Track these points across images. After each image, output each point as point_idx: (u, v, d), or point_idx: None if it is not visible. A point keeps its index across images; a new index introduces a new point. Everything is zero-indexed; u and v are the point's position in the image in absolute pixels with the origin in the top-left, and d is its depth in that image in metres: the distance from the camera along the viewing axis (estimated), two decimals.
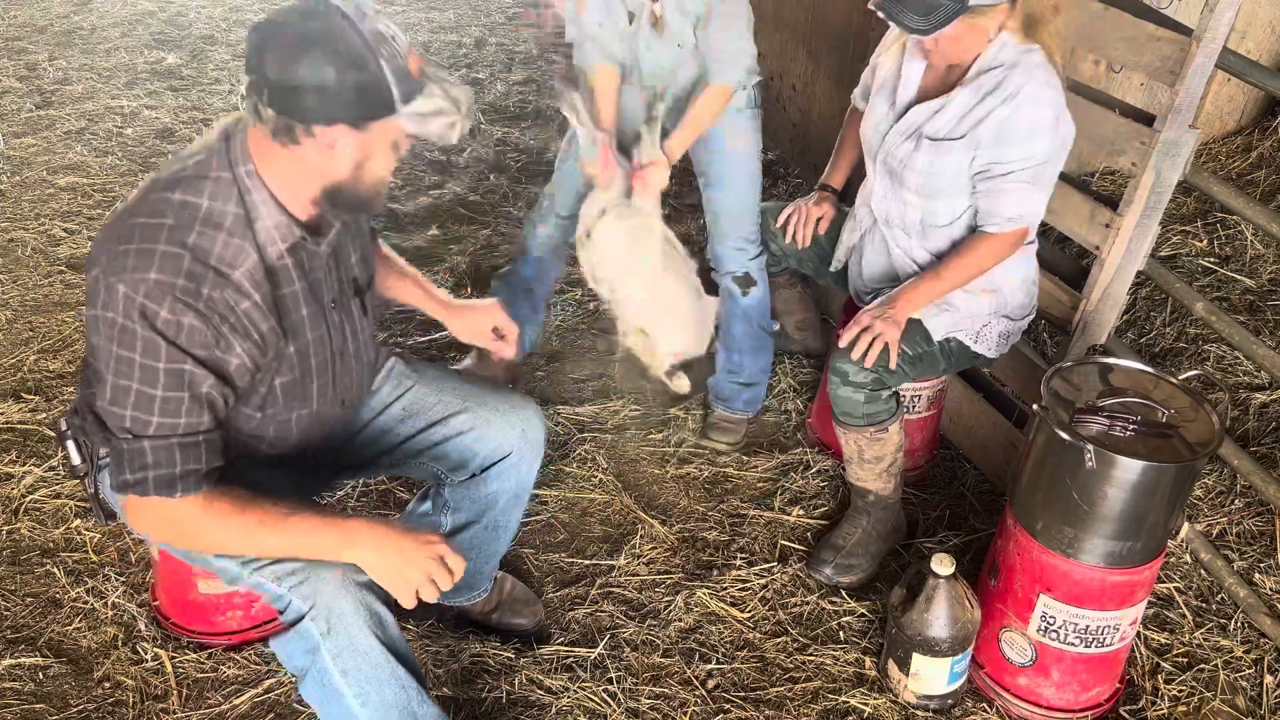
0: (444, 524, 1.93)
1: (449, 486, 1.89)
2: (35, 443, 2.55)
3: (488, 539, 1.95)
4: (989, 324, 2.15)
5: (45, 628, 2.07)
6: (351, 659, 1.51)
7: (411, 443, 1.85)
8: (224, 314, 1.45)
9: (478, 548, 1.95)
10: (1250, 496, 2.37)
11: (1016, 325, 2.20)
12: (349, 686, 1.52)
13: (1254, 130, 3.63)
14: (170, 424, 1.43)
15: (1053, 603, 1.83)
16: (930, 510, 2.44)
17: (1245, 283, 2.97)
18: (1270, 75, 2.21)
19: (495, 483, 1.87)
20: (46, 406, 2.66)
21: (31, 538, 2.28)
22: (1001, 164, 1.96)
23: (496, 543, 1.98)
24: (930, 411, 2.44)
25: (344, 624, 1.50)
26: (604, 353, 2.95)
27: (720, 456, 2.59)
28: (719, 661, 2.05)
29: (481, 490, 1.87)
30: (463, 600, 2.06)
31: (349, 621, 1.50)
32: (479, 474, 1.86)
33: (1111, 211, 2.16)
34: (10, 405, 2.66)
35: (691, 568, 2.27)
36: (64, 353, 2.88)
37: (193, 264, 1.42)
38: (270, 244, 1.49)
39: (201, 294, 1.42)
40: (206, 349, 1.44)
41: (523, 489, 1.92)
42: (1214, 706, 1.96)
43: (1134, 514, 1.72)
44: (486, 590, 2.07)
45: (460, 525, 1.92)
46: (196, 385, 1.44)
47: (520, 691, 1.95)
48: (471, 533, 1.92)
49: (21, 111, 4.40)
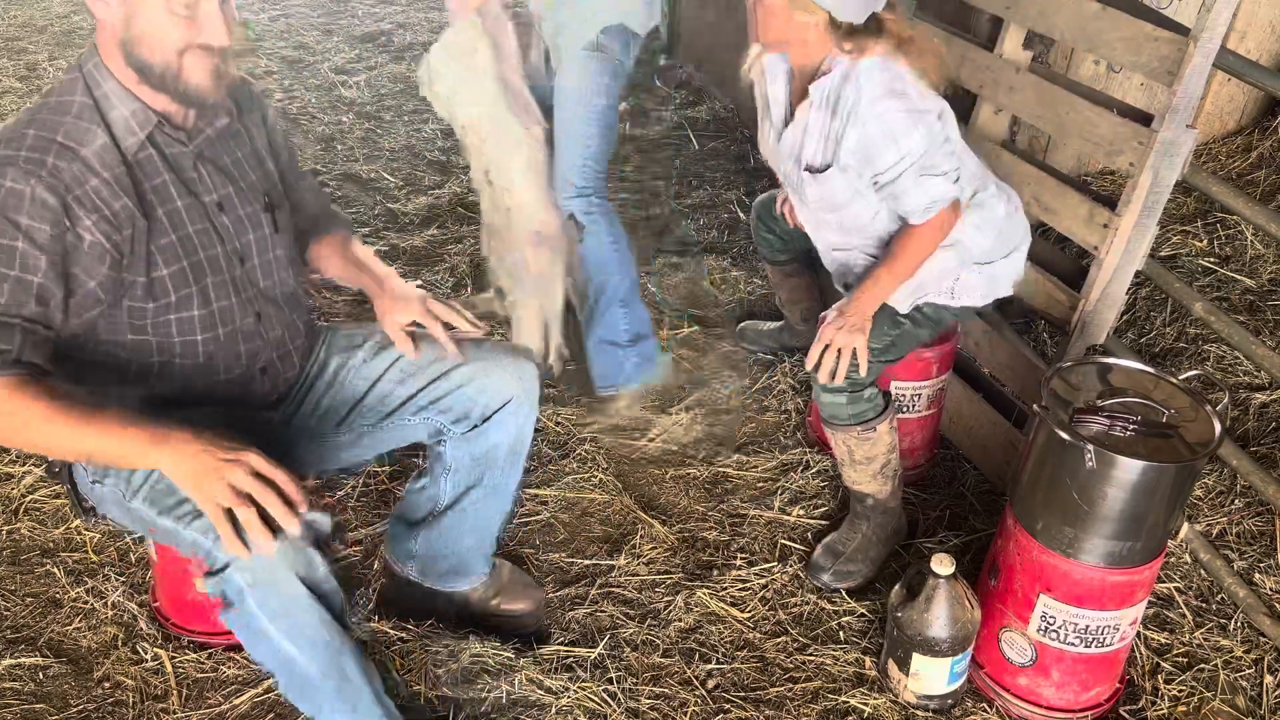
0: (443, 493, 1.95)
1: (450, 440, 1.91)
2: None
3: (486, 505, 1.97)
4: (959, 277, 2.11)
5: (45, 628, 2.07)
6: (279, 604, 1.52)
7: (414, 400, 1.87)
8: (69, 185, 1.47)
9: (476, 517, 1.98)
10: (1250, 497, 2.37)
11: (996, 268, 2.15)
12: (276, 629, 1.54)
13: (1254, 130, 3.63)
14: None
15: (1053, 603, 1.83)
16: (930, 510, 2.44)
17: (1245, 283, 2.97)
18: (1269, 75, 2.21)
19: (496, 432, 1.88)
20: None
21: (31, 537, 2.28)
22: (883, 173, 1.94)
23: (494, 510, 2.00)
24: (930, 411, 2.44)
25: (270, 572, 1.49)
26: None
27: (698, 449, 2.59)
28: (719, 661, 2.05)
29: (482, 444, 1.89)
30: (462, 585, 2.08)
31: (274, 568, 1.49)
32: (480, 424, 1.87)
33: (1110, 212, 2.16)
34: None
35: (691, 568, 2.27)
36: None
37: (36, 139, 1.47)
38: (128, 134, 1.55)
39: (46, 163, 1.45)
40: (52, 226, 1.45)
41: (520, 443, 1.94)
42: (1214, 706, 1.96)
43: (1134, 514, 1.72)
44: (484, 574, 2.09)
45: (461, 492, 1.94)
46: (28, 268, 1.44)
47: (520, 691, 1.95)
48: (472, 498, 1.95)
49: (21, 112, 4.40)
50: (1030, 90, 2.34)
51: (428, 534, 2.02)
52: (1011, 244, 2.17)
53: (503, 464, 1.93)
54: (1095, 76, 3.15)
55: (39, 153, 1.46)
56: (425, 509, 2.01)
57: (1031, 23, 2.35)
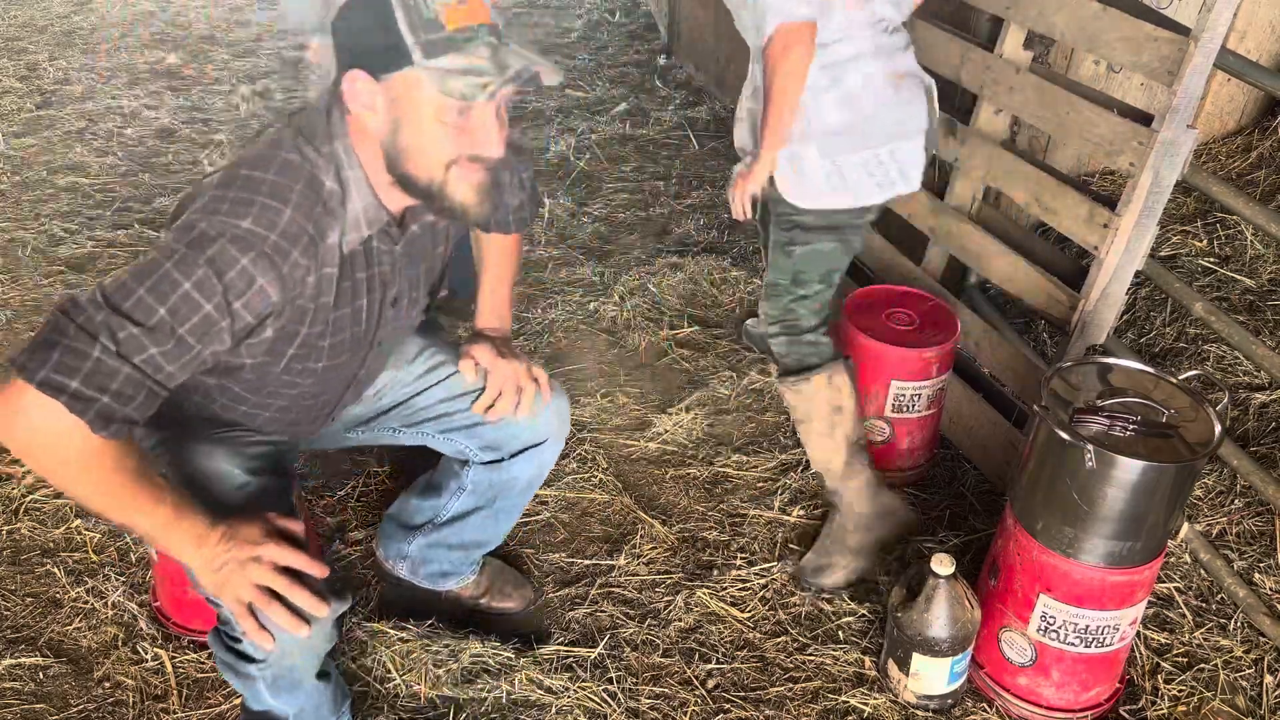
0: (448, 508, 1.94)
1: (474, 467, 1.89)
2: None
3: (486, 526, 1.97)
4: (795, 152, 1.95)
5: (45, 627, 2.07)
6: (288, 688, 1.56)
7: (448, 420, 1.83)
8: (292, 286, 1.34)
9: (477, 533, 1.98)
10: (1250, 496, 2.37)
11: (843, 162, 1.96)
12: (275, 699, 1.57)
13: (1254, 130, 3.63)
14: (157, 365, 1.27)
15: (1052, 603, 1.83)
16: (930, 510, 2.44)
17: (1245, 283, 2.97)
18: (1269, 75, 2.21)
19: (520, 466, 1.87)
20: None
21: (32, 537, 2.28)
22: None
23: (492, 531, 2.00)
24: (930, 411, 2.44)
25: (292, 675, 1.54)
26: None
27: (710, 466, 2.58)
28: (719, 661, 2.05)
29: (504, 474, 1.88)
30: (450, 585, 2.10)
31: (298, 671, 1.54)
32: (508, 458, 1.86)
33: (1110, 211, 2.16)
34: None
35: (691, 567, 2.27)
36: None
37: (291, 223, 1.31)
38: (354, 229, 1.39)
39: (290, 257, 1.32)
40: (256, 319, 1.33)
41: (539, 476, 1.93)
42: (1214, 706, 1.96)
43: (1134, 514, 1.72)
44: (471, 575, 2.11)
45: (467, 510, 1.94)
46: (209, 343, 1.31)
47: (520, 691, 1.95)
48: (476, 518, 1.95)
49: (21, 111, 4.40)
50: (1030, 90, 2.34)
51: (423, 540, 2.03)
52: (868, 141, 1.97)
53: (518, 494, 1.93)
54: (1095, 76, 3.15)
55: (289, 242, 1.31)
56: (425, 517, 2.01)
57: (1032, 23, 2.35)
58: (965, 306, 2.59)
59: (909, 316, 2.44)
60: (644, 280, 3.28)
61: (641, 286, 3.26)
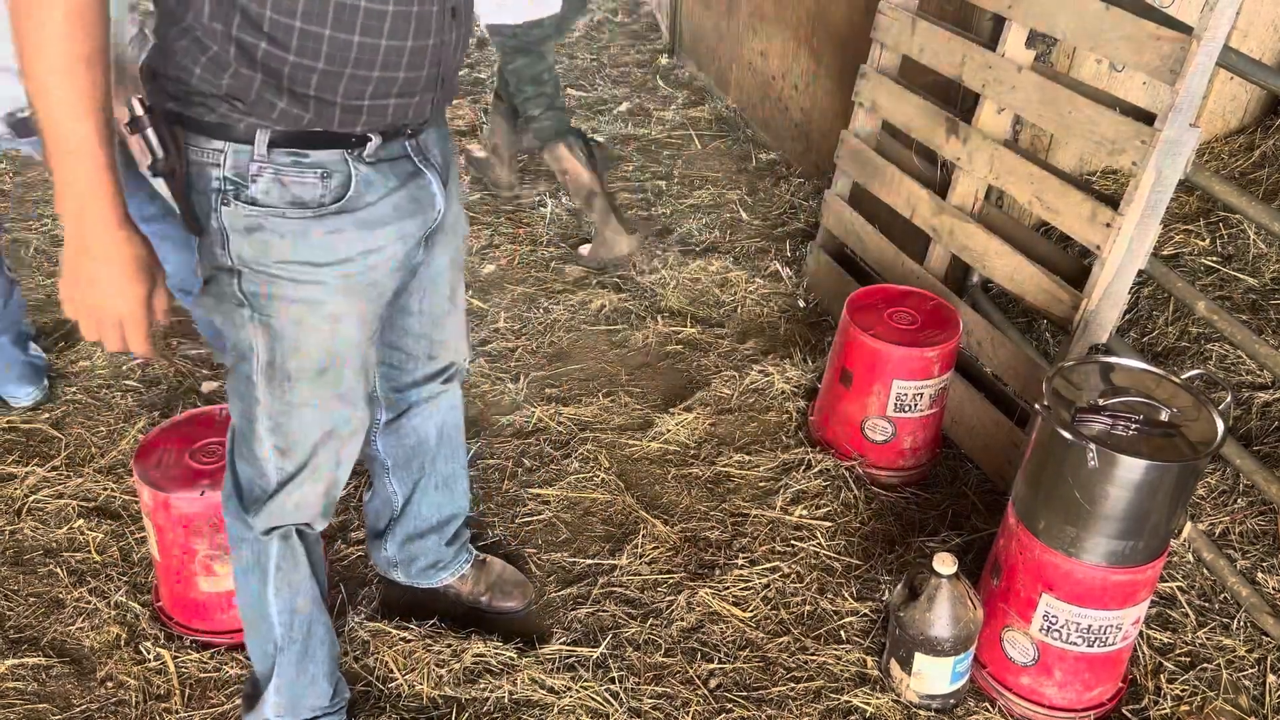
0: (395, 497, 2.00)
1: (379, 438, 1.93)
2: (38, 443, 2.55)
3: (440, 499, 2.02)
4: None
5: (48, 628, 2.08)
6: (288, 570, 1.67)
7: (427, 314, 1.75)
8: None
9: (432, 511, 2.02)
10: (1253, 496, 2.37)
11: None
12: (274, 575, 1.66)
13: (1257, 129, 3.62)
14: None
15: (1055, 602, 1.82)
16: (932, 509, 2.43)
17: (1248, 282, 2.97)
18: (1272, 74, 2.21)
19: (417, 417, 1.90)
20: (50, 407, 2.67)
21: (34, 538, 2.28)
22: None
23: (449, 502, 2.04)
24: (932, 410, 2.44)
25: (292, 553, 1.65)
26: None
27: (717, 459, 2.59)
28: (721, 661, 2.05)
29: (407, 426, 1.91)
30: (445, 577, 2.13)
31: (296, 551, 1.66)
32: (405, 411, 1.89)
33: (1112, 211, 2.16)
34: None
35: (693, 567, 2.27)
36: (68, 353, 2.88)
37: None
38: None
39: None
40: None
41: (450, 425, 1.96)
42: (1217, 706, 1.96)
43: (1136, 513, 1.72)
44: (464, 567, 2.13)
45: (407, 492, 2.00)
46: None
47: (522, 691, 1.96)
48: (423, 499, 2.00)
49: None
50: (1032, 89, 2.34)
51: (395, 539, 2.08)
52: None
53: (436, 448, 1.96)
54: (1097, 75, 3.14)
55: None
56: (385, 517, 2.06)
57: (1033, 22, 2.35)
58: (967, 306, 2.59)
59: (911, 316, 2.44)
60: (646, 280, 3.28)
61: (643, 286, 3.26)
